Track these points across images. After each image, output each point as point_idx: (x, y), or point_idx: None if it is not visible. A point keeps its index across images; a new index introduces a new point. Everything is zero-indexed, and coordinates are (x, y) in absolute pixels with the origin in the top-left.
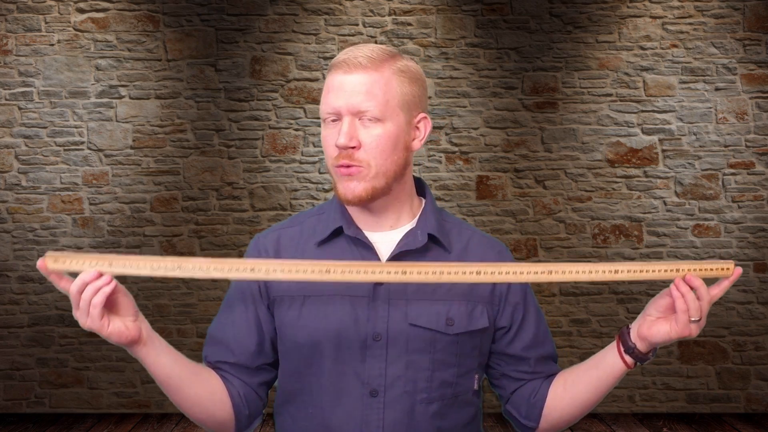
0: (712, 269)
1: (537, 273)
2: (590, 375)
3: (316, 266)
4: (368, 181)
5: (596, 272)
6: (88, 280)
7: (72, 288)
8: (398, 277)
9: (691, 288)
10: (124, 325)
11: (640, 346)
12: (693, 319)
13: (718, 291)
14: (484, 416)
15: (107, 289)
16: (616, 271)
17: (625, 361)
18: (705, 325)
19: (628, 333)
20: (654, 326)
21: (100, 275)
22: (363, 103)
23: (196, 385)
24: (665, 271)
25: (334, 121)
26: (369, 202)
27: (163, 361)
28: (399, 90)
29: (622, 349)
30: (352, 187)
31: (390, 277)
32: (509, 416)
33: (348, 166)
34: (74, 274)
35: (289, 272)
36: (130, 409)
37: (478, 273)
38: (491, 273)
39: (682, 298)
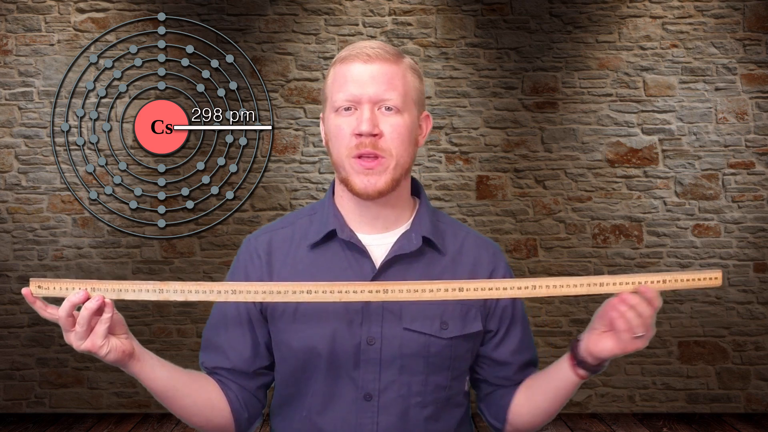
0: (699, 279)
1: (521, 288)
2: (548, 385)
3: (297, 287)
4: (388, 173)
5: (581, 286)
6: (76, 301)
7: (60, 312)
8: (380, 296)
9: (648, 299)
10: (119, 342)
11: (590, 360)
12: (637, 335)
13: (658, 302)
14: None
15: (109, 311)
16: (602, 285)
17: (578, 374)
18: (654, 335)
19: (578, 346)
20: (600, 342)
21: (88, 297)
22: (387, 92)
23: (193, 394)
24: (654, 282)
25: (347, 110)
26: (385, 195)
27: (158, 374)
28: (413, 85)
29: (574, 362)
30: (373, 182)
31: (372, 296)
32: (481, 413)
33: (375, 157)
34: (58, 300)
35: (270, 294)
36: (130, 409)
37: (461, 290)
38: (473, 289)
39: (621, 318)
